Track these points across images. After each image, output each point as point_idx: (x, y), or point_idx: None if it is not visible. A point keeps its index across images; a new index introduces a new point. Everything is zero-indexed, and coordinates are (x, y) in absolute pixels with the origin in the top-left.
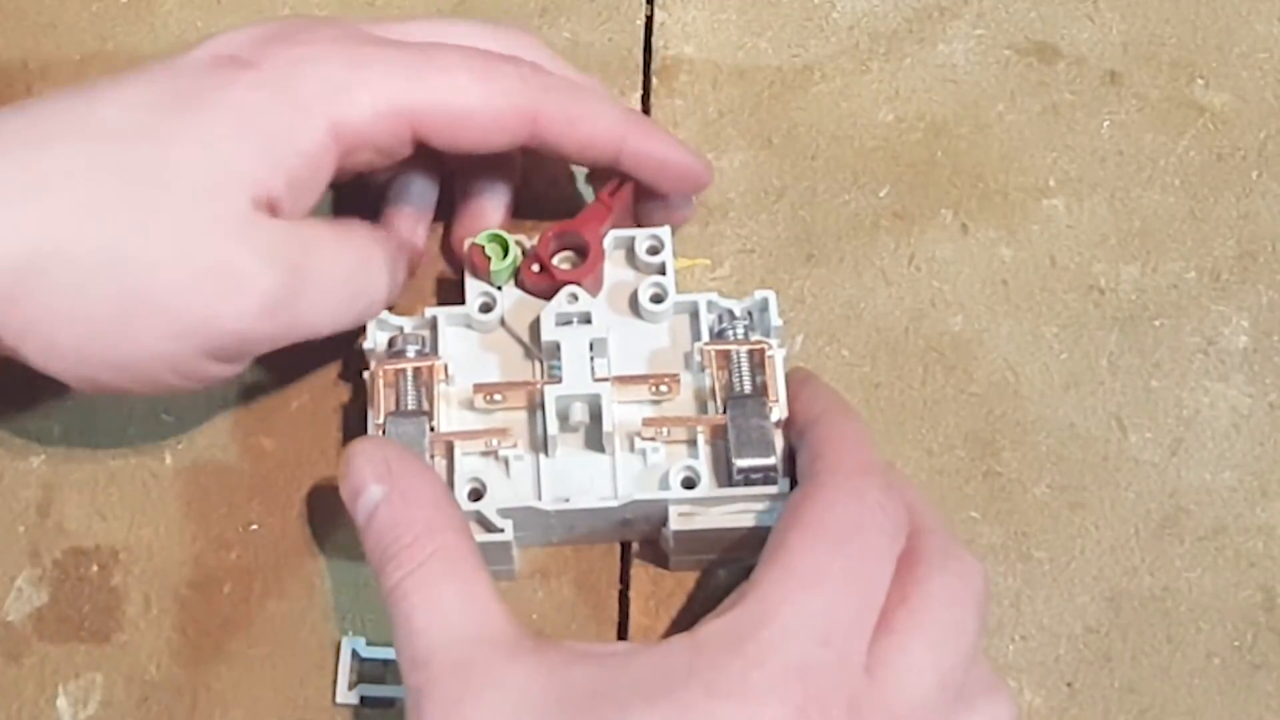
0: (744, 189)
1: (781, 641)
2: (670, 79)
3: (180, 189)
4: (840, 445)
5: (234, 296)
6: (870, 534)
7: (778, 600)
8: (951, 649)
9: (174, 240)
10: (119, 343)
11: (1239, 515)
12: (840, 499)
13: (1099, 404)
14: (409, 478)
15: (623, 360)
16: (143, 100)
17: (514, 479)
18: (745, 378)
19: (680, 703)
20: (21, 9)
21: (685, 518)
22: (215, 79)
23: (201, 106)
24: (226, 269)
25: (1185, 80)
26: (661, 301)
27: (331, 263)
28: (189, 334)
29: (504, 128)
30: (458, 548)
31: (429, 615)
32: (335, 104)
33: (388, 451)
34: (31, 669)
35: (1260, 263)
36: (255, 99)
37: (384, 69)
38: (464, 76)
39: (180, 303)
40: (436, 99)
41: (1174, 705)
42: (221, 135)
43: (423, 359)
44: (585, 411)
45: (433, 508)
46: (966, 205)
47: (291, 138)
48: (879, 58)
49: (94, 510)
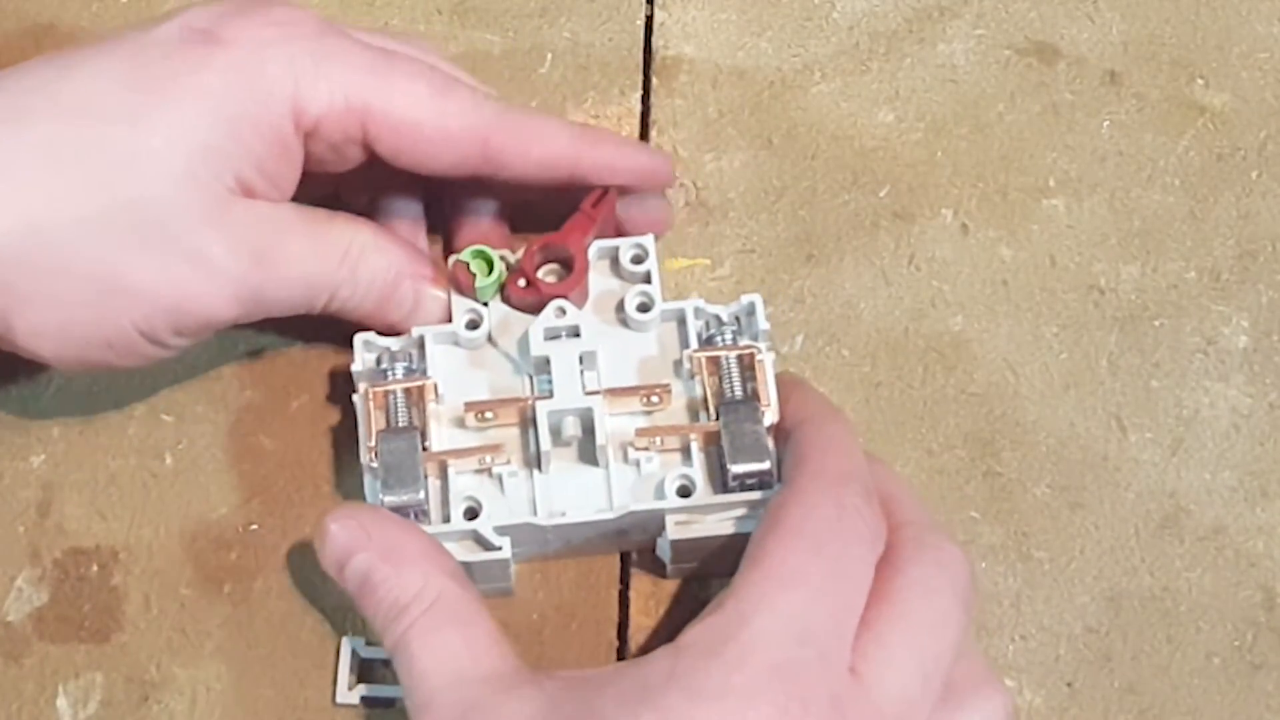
0: (744, 189)
1: (760, 643)
2: (670, 79)
3: (153, 173)
4: (822, 450)
5: (203, 284)
6: (849, 538)
7: (756, 602)
8: (932, 638)
9: (146, 226)
10: (99, 321)
11: (1239, 515)
12: (819, 504)
13: (1099, 404)
14: (390, 537)
15: (612, 370)
16: (116, 77)
17: (509, 495)
18: (736, 383)
19: (661, 708)
20: (21, 9)
21: (682, 526)
22: (186, 59)
23: (173, 89)
24: (197, 257)
25: (1185, 80)
26: (648, 310)
27: (301, 250)
28: (161, 315)
29: (453, 146)
30: (454, 593)
31: (432, 661)
32: (297, 89)
33: (361, 516)
34: (31, 669)
35: (1260, 263)
36: (224, 82)
37: (346, 63)
38: (422, 87)
39: (152, 289)
40: (392, 104)
41: (1174, 705)
42: (193, 119)
43: (412, 379)
44: (577, 425)
45: (422, 559)
46: (966, 205)
47: (259, 123)
48: (879, 58)
49: (94, 510)
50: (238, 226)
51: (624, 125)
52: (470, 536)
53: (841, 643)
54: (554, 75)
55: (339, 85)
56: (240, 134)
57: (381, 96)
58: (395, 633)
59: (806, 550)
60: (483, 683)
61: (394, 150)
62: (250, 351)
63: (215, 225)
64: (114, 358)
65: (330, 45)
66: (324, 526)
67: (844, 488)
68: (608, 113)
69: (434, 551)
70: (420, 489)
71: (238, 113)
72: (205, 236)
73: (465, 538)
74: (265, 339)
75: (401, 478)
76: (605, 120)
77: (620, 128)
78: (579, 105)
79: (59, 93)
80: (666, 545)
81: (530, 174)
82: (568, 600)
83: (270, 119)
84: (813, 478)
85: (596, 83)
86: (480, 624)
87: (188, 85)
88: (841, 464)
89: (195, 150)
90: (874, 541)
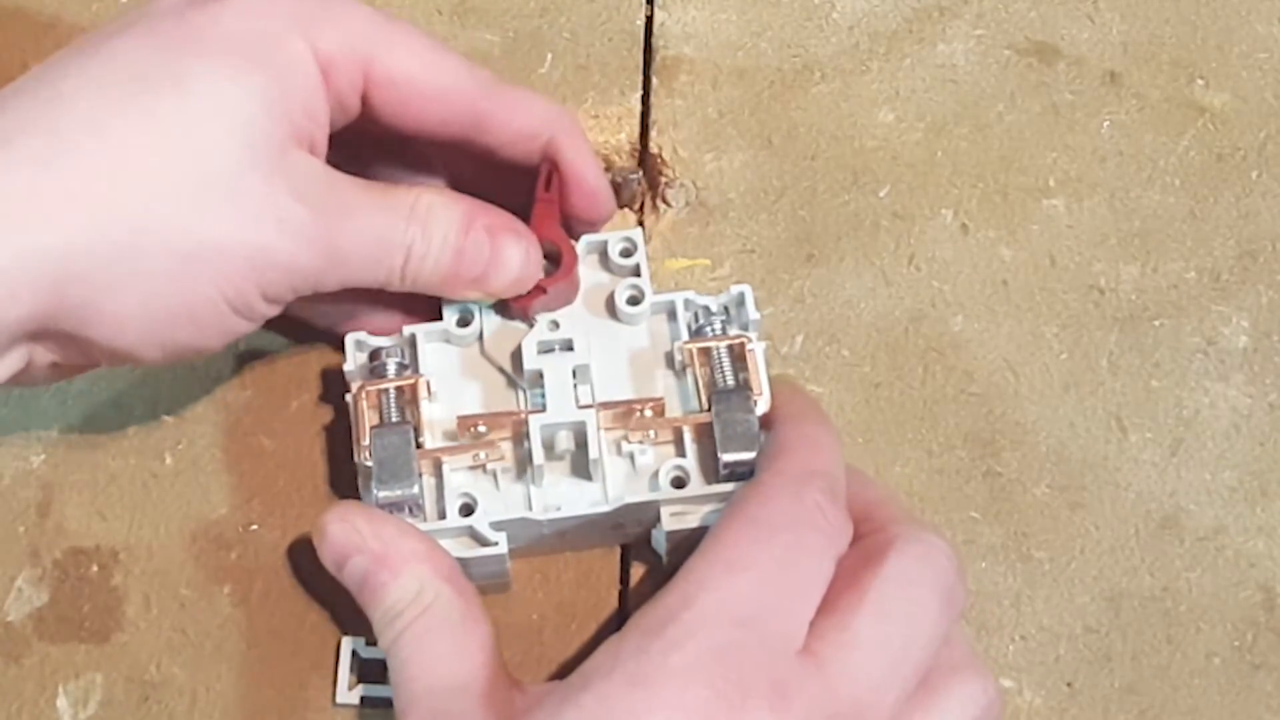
0: (744, 189)
1: (699, 624)
2: (670, 79)
3: (211, 130)
4: (791, 448)
5: (279, 234)
6: (804, 530)
7: (699, 585)
8: (903, 627)
9: (213, 184)
10: (183, 293)
11: (1239, 515)
12: (777, 495)
13: (1099, 404)
14: (385, 539)
15: (603, 362)
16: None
17: (504, 491)
18: (727, 373)
19: (602, 694)
20: (21, 9)
21: (677, 517)
22: (202, 16)
23: (202, 47)
24: (269, 207)
25: (1185, 80)
26: (639, 303)
27: (367, 203)
28: (243, 275)
29: (447, 102)
30: (449, 599)
31: (416, 666)
32: (309, 29)
33: (357, 518)
34: (31, 669)
35: (1260, 263)
36: (245, 29)
37: (349, 11)
38: (422, 41)
39: (230, 246)
40: (393, 53)
41: (1174, 705)
42: (231, 71)
43: (404, 377)
44: (571, 439)
45: (418, 561)
46: (966, 205)
47: (290, 61)
48: (879, 58)
49: (94, 510)
50: (301, 177)
51: (624, 125)
52: (466, 532)
53: (788, 627)
54: (554, 75)
55: (344, 29)
56: (278, 75)
57: (384, 45)
58: (389, 636)
59: (757, 537)
60: (460, 692)
61: (390, 102)
62: (249, 352)
63: (281, 174)
64: (199, 337)
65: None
66: (321, 526)
67: (807, 484)
68: (608, 113)
69: (431, 553)
70: (414, 483)
71: (266, 57)
72: (274, 185)
73: (461, 533)
74: (264, 339)
75: (395, 472)
76: (605, 120)
77: (620, 128)
78: (579, 105)
79: (92, 71)
80: (662, 537)
81: (508, 143)
82: (568, 599)
83: (295, 55)
84: (777, 473)
85: (596, 83)
86: (472, 630)
87: (213, 40)
88: (810, 461)
89: (245, 100)
90: (833, 536)
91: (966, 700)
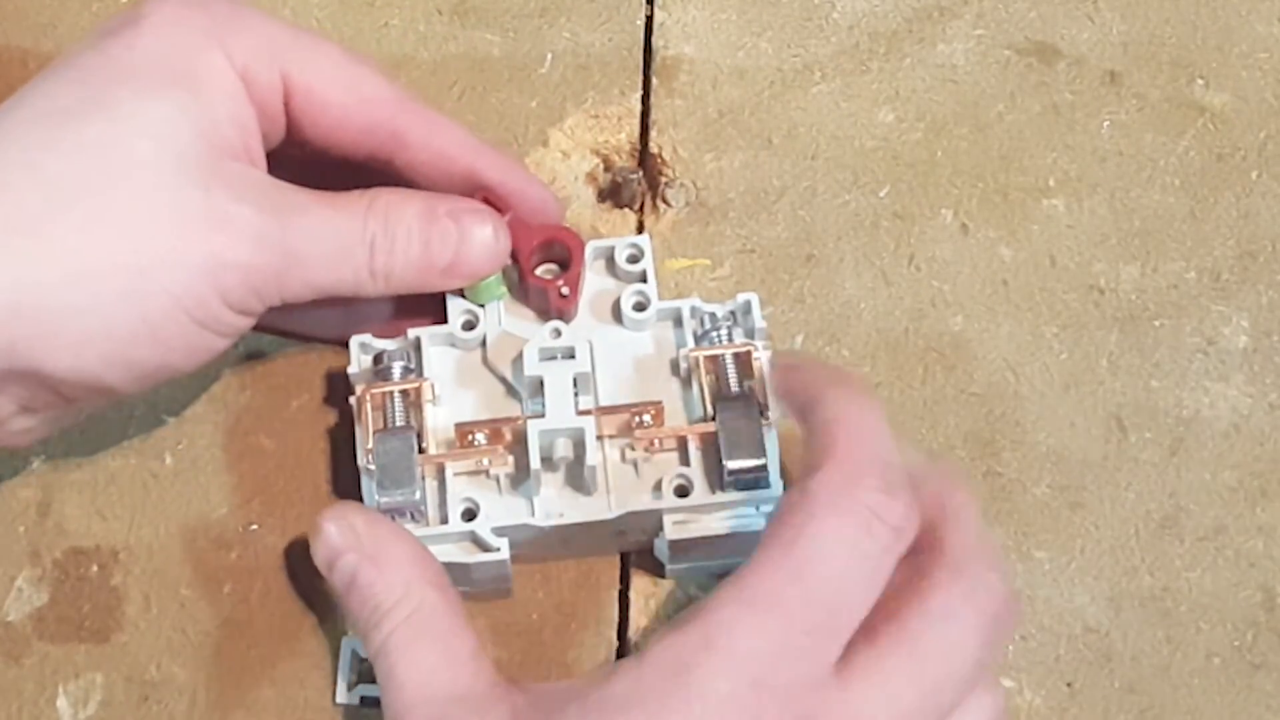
0: (744, 189)
1: (724, 670)
2: (670, 79)
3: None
4: (833, 442)
5: (225, 234)
6: (846, 560)
7: (725, 625)
8: (938, 666)
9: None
10: (140, 309)
11: (1239, 515)
12: (818, 516)
13: (1099, 404)
14: (380, 541)
15: (608, 368)
16: (63, 82)
17: (506, 496)
18: (733, 380)
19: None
20: (21, 9)
21: (680, 526)
22: (117, 41)
23: (120, 68)
24: (210, 209)
25: (1185, 80)
26: (645, 309)
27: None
28: (197, 280)
29: (365, 112)
30: (436, 604)
31: (407, 674)
32: (224, 38)
33: (355, 518)
34: (31, 669)
35: (1260, 263)
36: (161, 45)
37: (263, 19)
38: (338, 50)
39: (177, 253)
40: (312, 63)
41: (1174, 705)
42: (151, 86)
43: (408, 380)
44: (569, 447)
45: (409, 566)
46: (966, 205)
47: (209, 69)
48: (879, 58)
49: (94, 510)
50: (239, 182)
51: (624, 125)
52: (468, 538)
53: (814, 668)
54: (554, 75)
55: (259, 39)
56: (200, 88)
57: (300, 53)
58: (376, 640)
59: (791, 572)
60: (456, 702)
61: (310, 110)
62: (249, 352)
63: (219, 181)
64: (167, 354)
65: (244, 9)
66: (319, 524)
67: (858, 484)
68: (608, 113)
69: (421, 559)
70: (416, 489)
71: (186, 72)
72: (212, 192)
73: (463, 539)
74: (264, 340)
75: (397, 478)
76: (605, 120)
77: (620, 128)
78: (579, 105)
79: (21, 114)
80: (665, 545)
81: (426, 163)
82: (568, 600)
83: (214, 67)
84: (822, 485)
85: (596, 83)
86: (459, 638)
87: (132, 64)
88: (857, 451)
89: (171, 115)
90: (890, 542)
91: (979, 713)
